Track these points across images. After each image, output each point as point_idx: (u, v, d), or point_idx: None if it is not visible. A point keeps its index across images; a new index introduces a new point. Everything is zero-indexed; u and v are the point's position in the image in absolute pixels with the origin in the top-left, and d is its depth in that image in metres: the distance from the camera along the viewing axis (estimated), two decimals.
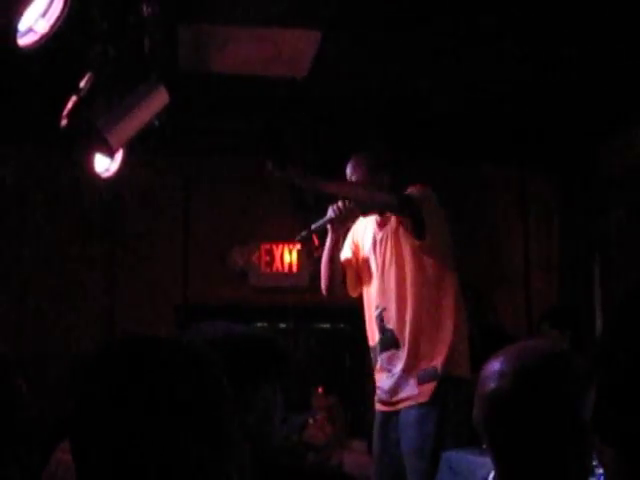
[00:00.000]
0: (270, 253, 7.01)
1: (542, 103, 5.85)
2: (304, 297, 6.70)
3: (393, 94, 5.79)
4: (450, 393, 3.93)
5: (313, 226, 4.25)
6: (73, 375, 1.31)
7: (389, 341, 4.09)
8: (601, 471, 2.02)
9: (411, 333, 4.00)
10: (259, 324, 6.99)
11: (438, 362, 3.95)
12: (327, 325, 7.52)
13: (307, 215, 5.93)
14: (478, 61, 5.22)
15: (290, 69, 5.29)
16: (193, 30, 4.83)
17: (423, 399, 3.95)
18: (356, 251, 4.35)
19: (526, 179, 7.46)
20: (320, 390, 6.22)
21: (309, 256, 6.88)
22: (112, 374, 1.30)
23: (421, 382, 3.97)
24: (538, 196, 7.47)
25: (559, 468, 1.81)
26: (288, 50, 5.02)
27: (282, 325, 7.27)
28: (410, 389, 3.99)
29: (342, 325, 7.27)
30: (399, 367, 4.03)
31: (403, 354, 4.02)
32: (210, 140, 6.56)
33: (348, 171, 4.23)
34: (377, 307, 4.17)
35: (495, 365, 1.86)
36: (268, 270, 7.03)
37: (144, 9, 4.04)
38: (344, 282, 4.36)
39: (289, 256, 7.03)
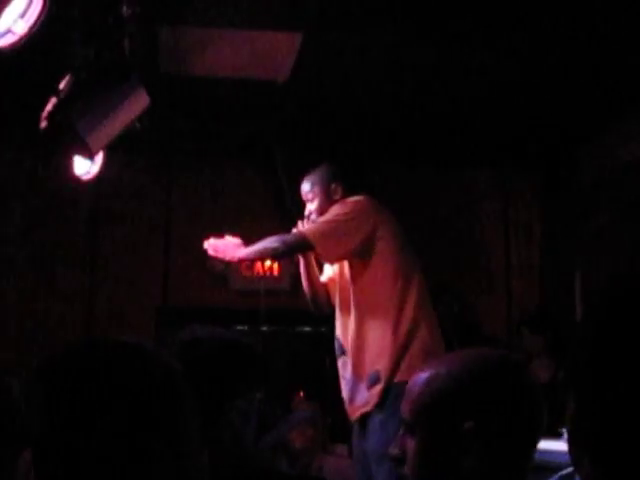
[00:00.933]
0: None
1: (524, 106, 5.86)
2: (285, 300, 6.70)
3: (374, 97, 5.78)
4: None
5: None
6: (37, 384, 1.31)
7: (339, 348, 4.20)
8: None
9: (353, 340, 4.08)
10: (240, 327, 6.97)
11: (381, 367, 3.99)
12: (308, 328, 7.50)
13: (285, 215, 5.97)
14: (460, 65, 5.22)
15: (271, 72, 5.27)
16: (173, 32, 4.81)
17: (373, 402, 3.98)
18: (337, 270, 4.40)
19: (507, 182, 7.47)
20: (301, 395, 6.21)
21: (289, 259, 6.88)
22: (66, 377, 1.29)
23: (369, 386, 4.01)
24: (519, 199, 7.48)
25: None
26: (269, 53, 5.00)
27: (263, 328, 7.25)
28: (361, 395, 4.05)
29: (323, 329, 7.26)
30: (349, 372, 4.11)
31: (349, 360, 4.11)
32: (191, 142, 6.55)
33: (305, 189, 4.32)
34: (335, 317, 4.31)
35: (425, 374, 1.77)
36: (249, 273, 7.02)
37: (124, 10, 4.01)
38: (329, 300, 4.43)
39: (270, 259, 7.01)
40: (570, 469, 2.76)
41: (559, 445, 3.26)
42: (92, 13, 3.99)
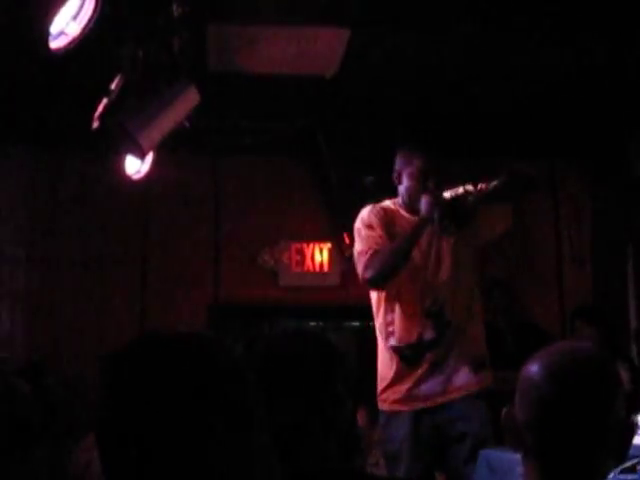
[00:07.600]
0: (301, 252, 7.01)
1: (574, 97, 5.81)
2: (335, 296, 6.71)
3: (424, 92, 5.76)
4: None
5: (447, 194, 4.15)
6: (103, 375, 1.32)
7: (451, 333, 4.01)
8: None
9: (462, 322, 4.01)
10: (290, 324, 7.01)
11: (484, 352, 3.99)
12: (357, 323, 7.50)
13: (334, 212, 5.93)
14: (510, 56, 5.20)
15: (319, 68, 5.28)
16: (222, 30, 4.83)
17: (485, 384, 3.94)
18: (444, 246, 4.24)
19: (557, 175, 7.41)
20: None
21: (339, 255, 6.89)
22: (136, 370, 1.30)
23: (475, 369, 3.95)
24: (570, 191, 7.40)
25: (592, 468, 1.82)
26: (317, 49, 5.01)
27: (313, 324, 7.28)
28: (463, 376, 3.96)
29: (371, 323, 7.26)
30: (453, 357, 3.99)
31: (453, 340, 4.00)
32: (241, 140, 6.57)
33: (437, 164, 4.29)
34: (432, 300, 4.06)
35: (534, 368, 1.88)
36: (299, 269, 7.03)
37: (174, 10, 4.05)
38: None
39: (320, 255, 7.02)
40: (632, 461, 2.74)
41: None
42: (142, 13, 4.03)
